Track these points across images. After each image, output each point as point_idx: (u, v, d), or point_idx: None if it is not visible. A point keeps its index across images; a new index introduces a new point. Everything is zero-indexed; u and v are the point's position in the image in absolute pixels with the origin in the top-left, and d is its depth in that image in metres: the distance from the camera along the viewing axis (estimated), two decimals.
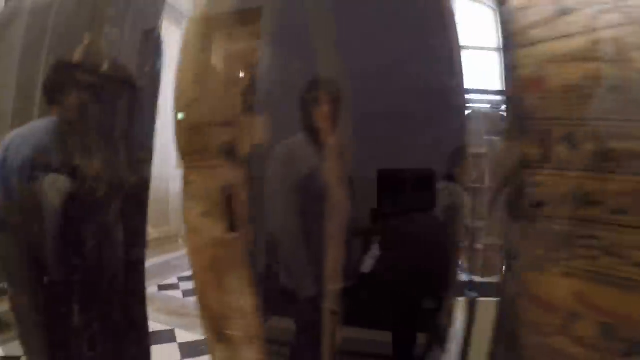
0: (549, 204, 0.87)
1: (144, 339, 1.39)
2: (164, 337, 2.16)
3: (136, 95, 1.30)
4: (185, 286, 3.27)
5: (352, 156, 1.24)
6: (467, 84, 1.08)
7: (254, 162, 0.91)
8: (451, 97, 1.10)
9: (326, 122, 1.24)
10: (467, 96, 1.09)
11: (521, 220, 1.09)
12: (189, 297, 2.96)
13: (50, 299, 1.26)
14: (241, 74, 0.93)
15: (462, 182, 1.14)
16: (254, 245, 0.86)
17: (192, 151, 0.88)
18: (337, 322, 1.15)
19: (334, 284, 1.15)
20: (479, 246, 1.61)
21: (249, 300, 0.80)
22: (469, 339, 1.29)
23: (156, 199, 1.42)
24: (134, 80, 1.28)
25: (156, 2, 1.47)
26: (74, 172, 1.21)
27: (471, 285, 1.38)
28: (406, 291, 1.33)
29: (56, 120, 1.23)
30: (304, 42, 1.24)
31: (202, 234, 0.80)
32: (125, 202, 1.27)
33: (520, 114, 0.89)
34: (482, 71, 1.42)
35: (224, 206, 0.80)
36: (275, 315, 1.13)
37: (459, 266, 1.17)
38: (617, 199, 0.82)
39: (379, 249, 1.49)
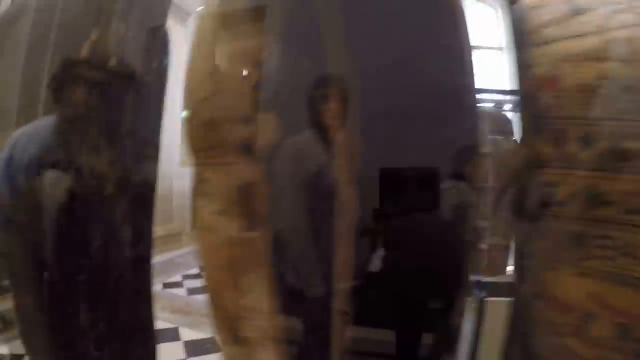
0: (563, 203, 0.87)
1: (151, 339, 1.38)
2: (168, 335, 2.15)
3: (143, 91, 1.28)
4: (189, 284, 3.25)
5: (360, 154, 1.24)
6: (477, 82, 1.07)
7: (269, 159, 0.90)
8: (461, 96, 1.09)
9: (335, 120, 1.23)
10: (478, 95, 1.08)
11: (527, 220, 1.09)
12: (193, 295, 2.96)
13: (55, 298, 1.25)
14: (256, 70, 0.92)
15: (473, 181, 1.13)
16: (272, 244, 0.85)
17: (206, 147, 0.86)
18: (347, 321, 1.15)
19: (343, 283, 1.14)
20: (483, 246, 1.61)
21: (267, 300, 0.79)
22: (477, 338, 1.28)
23: (160, 197, 1.41)
24: (141, 76, 1.27)
25: (162, 0, 1.46)
26: (80, 171, 1.20)
27: (479, 284, 1.38)
28: (414, 290, 1.33)
29: (62, 117, 1.22)
30: (314, 39, 1.23)
31: (217, 233, 0.78)
32: (132, 201, 1.26)
33: (534, 113, 0.89)
34: (484, 70, 1.42)
35: (242, 204, 0.79)
36: (283, 314, 1.13)
37: (470, 266, 1.16)
38: (631, 199, 0.81)
39: (385, 248, 1.49)
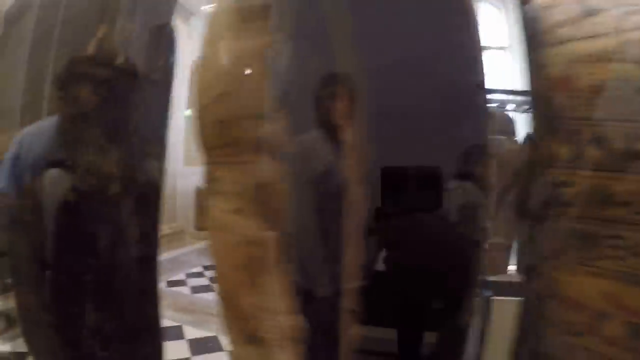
0: (575, 204, 0.87)
1: (157, 337, 1.38)
2: (172, 333, 2.14)
3: (150, 90, 1.27)
4: (193, 282, 3.23)
5: (369, 153, 1.23)
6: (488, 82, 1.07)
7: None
8: (471, 96, 1.09)
9: (343, 119, 1.23)
10: (488, 95, 1.07)
11: (536, 219, 1.09)
12: (197, 293, 2.96)
13: (60, 298, 1.24)
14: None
15: (481, 181, 1.13)
16: (292, 244, 0.84)
17: (221, 145, 0.85)
18: (355, 321, 1.15)
19: (352, 282, 1.14)
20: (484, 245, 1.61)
21: (285, 301, 0.79)
22: (483, 337, 1.29)
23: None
24: (147, 74, 1.25)
25: None
26: (87, 170, 1.19)
27: (485, 284, 1.38)
28: (421, 290, 1.33)
29: (68, 116, 1.21)
30: (322, 38, 1.22)
31: (233, 232, 0.78)
32: (138, 200, 1.25)
33: (548, 113, 0.89)
34: (487, 70, 1.41)
35: (260, 203, 0.78)
36: None
37: (478, 266, 1.16)
38: None
39: (389, 247, 1.48)
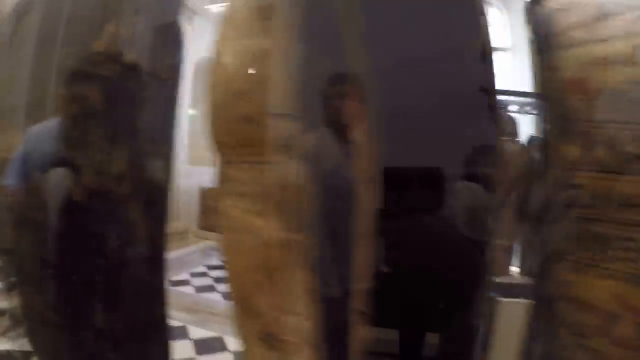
0: (588, 205, 0.88)
1: (165, 337, 1.38)
2: (176, 333, 2.13)
3: (158, 88, 1.27)
4: (196, 282, 3.23)
5: (378, 153, 1.23)
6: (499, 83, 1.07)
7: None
8: (481, 97, 1.09)
9: (352, 118, 1.22)
10: (499, 96, 1.07)
11: (533, 221, 1.09)
12: (201, 293, 2.95)
13: (68, 298, 1.24)
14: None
15: (489, 182, 1.13)
16: (316, 247, 0.84)
17: (241, 144, 0.83)
18: (365, 322, 1.14)
19: (362, 283, 1.14)
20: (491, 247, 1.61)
21: (307, 304, 0.79)
22: (489, 338, 1.29)
23: None
24: (155, 72, 1.25)
25: None
26: (96, 169, 1.19)
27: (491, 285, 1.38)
28: (423, 291, 1.32)
29: (78, 113, 1.20)
30: (333, 38, 1.22)
31: (253, 233, 0.77)
32: (146, 199, 1.25)
33: (560, 115, 0.89)
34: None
35: (285, 205, 0.78)
36: None
37: (487, 267, 1.17)
38: None
39: (391, 248, 1.48)
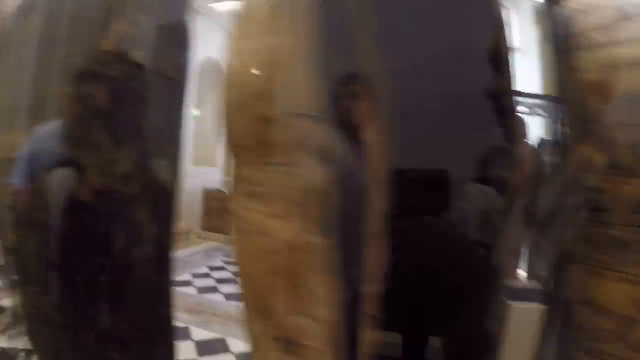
0: (609, 210, 0.87)
1: (170, 339, 1.35)
2: (179, 334, 2.10)
3: (165, 87, 1.24)
4: (199, 283, 3.20)
5: (390, 154, 1.22)
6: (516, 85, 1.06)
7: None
8: (498, 98, 1.08)
9: (363, 119, 1.21)
10: (517, 98, 1.06)
11: (537, 225, 1.07)
12: (203, 294, 2.92)
13: (73, 298, 1.21)
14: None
15: (503, 185, 1.12)
16: (340, 250, 0.82)
17: (260, 146, 0.81)
18: (375, 326, 1.13)
19: (373, 286, 1.12)
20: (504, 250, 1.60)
21: (329, 308, 0.77)
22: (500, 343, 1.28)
23: None
24: (162, 72, 1.22)
25: None
26: (102, 169, 1.16)
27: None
28: (434, 294, 1.31)
29: (83, 113, 1.17)
30: (345, 37, 1.20)
31: (274, 236, 0.75)
32: (153, 199, 1.23)
33: (582, 118, 0.88)
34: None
35: (309, 208, 0.76)
36: None
37: (500, 270, 1.15)
38: None
39: (395, 250, 1.46)
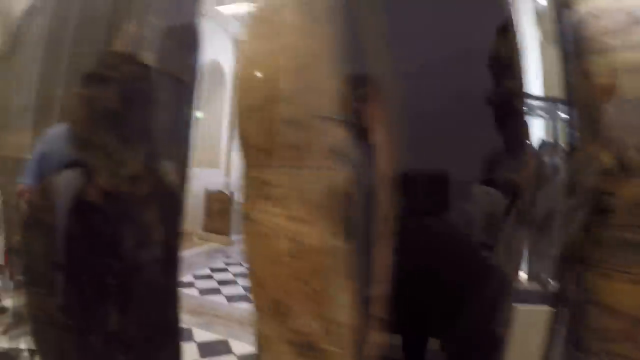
0: (619, 211, 0.87)
1: (176, 341, 1.34)
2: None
3: (175, 88, 1.24)
4: (201, 285, 3.18)
5: (399, 156, 1.22)
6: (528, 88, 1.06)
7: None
8: (509, 101, 1.09)
9: (373, 121, 1.21)
10: (528, 100, 1.07)
11: (536, 227, 1.08)
12: (205, 295, 2.90)
13: (80, 300, 1.20)
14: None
15: (513, 188, 1.12)
16: (363, 254, 0.82)
17: (282, 149, 0.81)
18: (382, 328, 1.12)
19: (381, 288, 1.12)
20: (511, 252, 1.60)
21: (352, 313, 0.76)
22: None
23: None
24: (173, 73, 1.22)
25: None
26: (112, 170, 1.15)
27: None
28: (435, 295, 1.31)
29: (94, 114, 1.16)
30: (354, 38, 1.20)
31: (295, 240, 0.74)
32: (162, 201, 1.22)
33: (592, 120, 0.89)
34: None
35: (332, 212, 0.75)
36: None
37: (506, 273, 1.15)
38: None
39: (400, 252, 1.46)
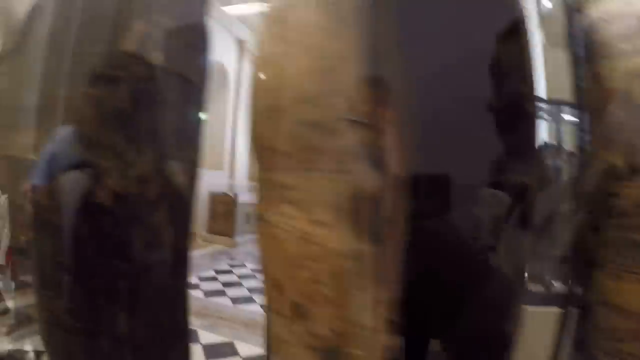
0: (629, 214, 0.88)
1: (185, 343, 1.34)
2: None
3: (184, 89, 1.23)
4: (206, 286, 3.16)
5: (409, 159, 1.22)
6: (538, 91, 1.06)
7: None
8: (521, 104, 1.09)
9: (384, 123, 1.21)
10: (539, 104, 1.07)
11: (536, 229, 1.09)
12: (210, 297, 2.89)
13: (90, 302, 1.19)
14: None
15: (528, 190, 1.12)
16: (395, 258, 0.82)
17: (304, 151, 0.80)
18: (394, 332, 1.12)
19: (394, 290, 1.12)
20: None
21: (378, 316, 0.77)
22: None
23: None
24: (182, 73, 1.21)
25: None
26: (121, 171, 1.15)
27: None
28: (438, 296, 1.31)
29: (101, 115, 1.16)
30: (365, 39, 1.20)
31: (318, 244, 0.74)
32: (172, 203, 1.22)
33: (604, 125, 0.89)
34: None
35: (359, 215, 0.76)
36: None
37: (514, 275, 1.16)
38: None
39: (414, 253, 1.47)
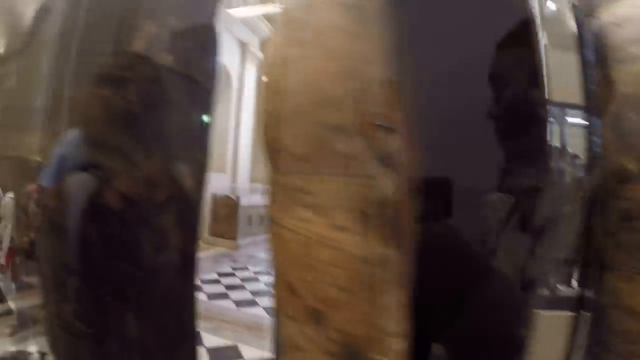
0: None
1: (193, 346, 1.33)
2: None
3: (193, 91, 1.22)
4: (209, 289, 3.12)
5: (417, 162, 1.22)
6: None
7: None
8: (532, 108, 1.10)
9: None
10: (549, 107, 1.07)
11: (530, 234, 1.10)
12: (213, 300, 2.86)
13: (97, 306, 1.18)
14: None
15: (539, 194, 1.12)
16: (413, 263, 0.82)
17: (326, 156, 0.80)
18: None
19: (406, 294, 1.13)
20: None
21: (402, 321, 0.77)
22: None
23: None
24: (191, 75, 1.20)
25: None
26: (128, 173, 1.14)
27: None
28: (460, 299, 1.32)
29: (108, 117, 1.14)
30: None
31: (340, 249, 0.74)
32: (181, 206, 1.20)
33: (618, 130, 0.90)
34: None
35: (383, 220, 0.76)
36: None
37: (525, 278, 1.17)
38: None
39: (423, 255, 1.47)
